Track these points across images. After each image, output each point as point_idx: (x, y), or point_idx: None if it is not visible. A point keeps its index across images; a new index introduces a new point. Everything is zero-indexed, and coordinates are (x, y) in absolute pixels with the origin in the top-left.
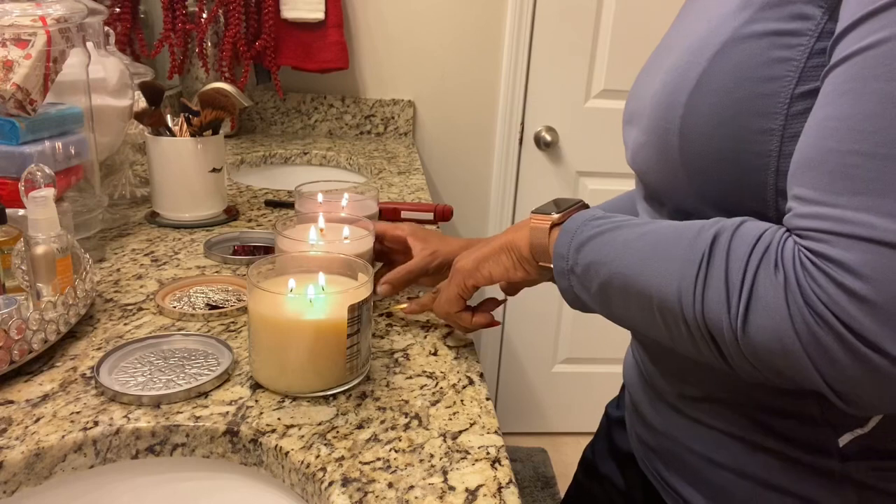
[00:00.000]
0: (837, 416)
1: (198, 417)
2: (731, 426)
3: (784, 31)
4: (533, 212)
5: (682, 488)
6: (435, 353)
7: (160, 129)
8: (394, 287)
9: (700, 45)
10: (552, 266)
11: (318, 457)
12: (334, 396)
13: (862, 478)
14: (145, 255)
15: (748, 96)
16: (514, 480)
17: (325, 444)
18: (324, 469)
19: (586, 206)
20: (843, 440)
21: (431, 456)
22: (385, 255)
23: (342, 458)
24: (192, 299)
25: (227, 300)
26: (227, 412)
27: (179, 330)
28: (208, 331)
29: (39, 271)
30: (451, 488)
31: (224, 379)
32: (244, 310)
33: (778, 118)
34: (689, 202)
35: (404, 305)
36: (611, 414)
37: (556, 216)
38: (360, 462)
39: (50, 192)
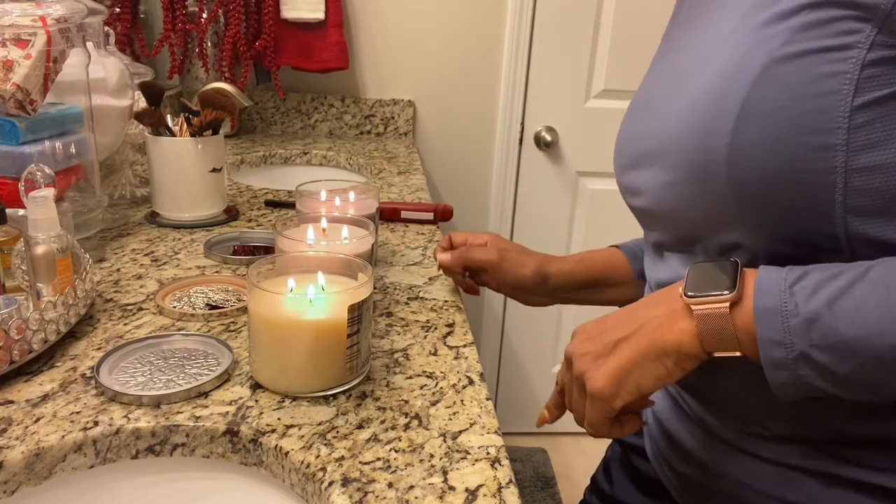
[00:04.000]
0: None
1: (198, 417)
2: (803, 461)
3: (831, 48)
4: (688, 294)
5: None
6: (435, 353)
7: (160, 129)
8: (451, 262)
9: (733, 72)
10: (738, 354)
11: (318, 457)
12: (334, 396)
13: None
14: (145, 255)
15: (803, 114)
16: (514, 480)
17: (325, 444)
18: (324, 469)
19: (738, 264)
20: None
21: (431, 456)
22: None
23: (342, 458)
24: (192, 299)
25: (227, 300)
26: (227, 412)
27: (179, 330)
28: (208, 331)
29: (39, 271)
30: (451, 488)
31: (224, 379)
32: (244, 310)
33: (839, 132)
34: (736, 236)
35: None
36: (625, 440)
37: (731, 294)
38: (360, 462)
39: (50, 192)
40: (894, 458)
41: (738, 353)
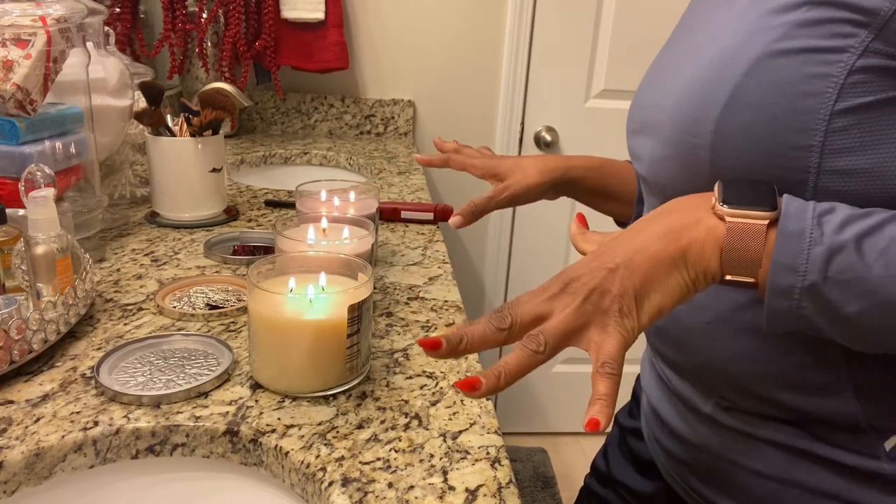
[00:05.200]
0: (881, 422)
1: (198, 417)
2: (774, 434)
3: (823, 48)
4: (724, 201)
5: (721, 500)
6: None
7: (160, 129)
8: (464, 219)
9: (728, 59)
10: (746, 280)
11: (318, 457)
12: (334, 396)
13: None
14: (145, 255)
15: (785, 112)
16: (514, 480)
17: (325, 444)
18: (324, 469)
19: (774, 187)
20: (890, 444)
21: (431, 456)
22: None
23: (342, 458)
24: (192, 299)
25: (227, 300)
26: (227, 412)
27: (179, 330)
28: (208, 331)
29: (39, 271)
30: (451, 488)
31: (224, 379)
32: (244, 310)
33: (817, 134)
34: None
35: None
36: (623, 424)
37: (773, 213)
38: (360, 462)
39: (50, 192)
40: (858, 440)
41: (752, 280)
